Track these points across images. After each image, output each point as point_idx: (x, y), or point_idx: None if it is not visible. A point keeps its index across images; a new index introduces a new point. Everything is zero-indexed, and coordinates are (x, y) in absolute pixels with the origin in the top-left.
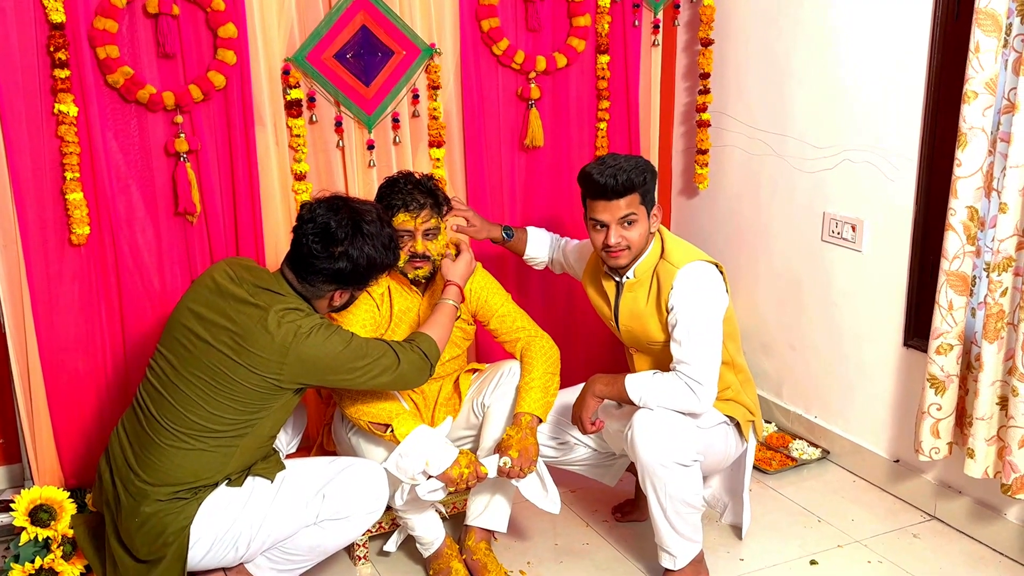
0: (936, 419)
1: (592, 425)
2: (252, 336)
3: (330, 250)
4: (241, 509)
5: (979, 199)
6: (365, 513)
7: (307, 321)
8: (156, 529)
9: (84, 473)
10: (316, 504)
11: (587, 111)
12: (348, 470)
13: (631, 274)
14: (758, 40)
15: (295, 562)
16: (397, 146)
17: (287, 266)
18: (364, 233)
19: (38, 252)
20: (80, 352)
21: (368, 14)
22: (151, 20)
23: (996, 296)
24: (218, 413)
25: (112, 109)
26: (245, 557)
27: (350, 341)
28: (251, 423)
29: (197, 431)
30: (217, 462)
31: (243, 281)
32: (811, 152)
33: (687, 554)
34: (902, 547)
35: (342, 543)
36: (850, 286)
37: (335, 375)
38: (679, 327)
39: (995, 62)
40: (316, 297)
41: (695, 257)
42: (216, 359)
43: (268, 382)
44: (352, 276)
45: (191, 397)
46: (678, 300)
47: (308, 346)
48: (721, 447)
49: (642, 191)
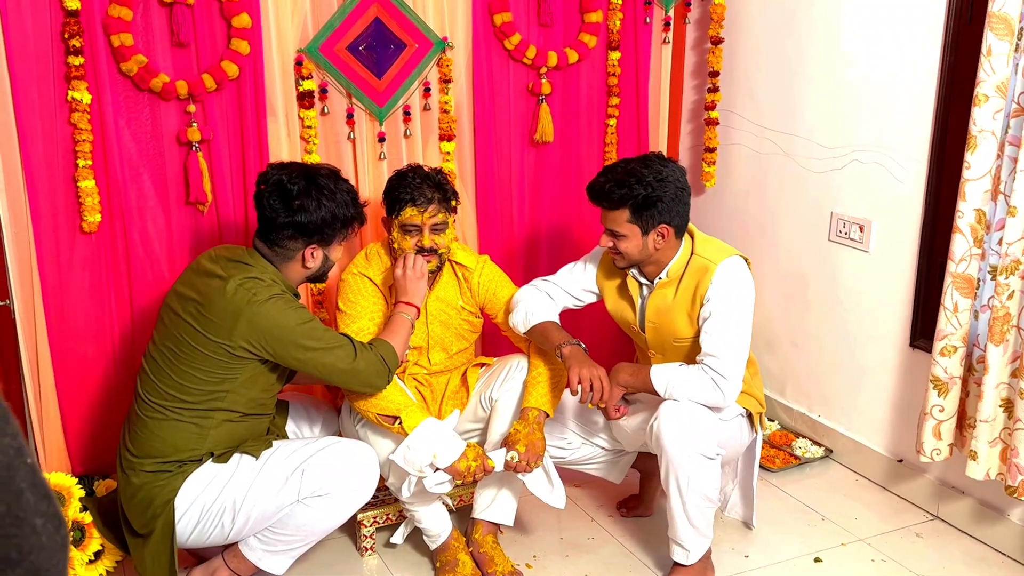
0: (938, 420)
1: (617, 412)
2: (211, 302)
3: (288, 204)
4: (225, 484)
5: (987, 202)
6: (348, 491)
7: (266, 290)
8: (145, 502)
9: (91, 460)
10: (296, 480)
11: (597, 107)
12: (331, 447)
13: (664, 275)
14: (768, 39)
15: (285, 543)
16: (408, 139)
17: (257, 236)
18: (319, 185)
19: (49, 239)
20: (89, 340)
21: (381, 6)
22: (165, 9)
23: (1003, 299)
24: (184, 382)
25: (125, 97)
26: (233, 535)
27: (307, 321)
28: (217, 395)
29: (169, 401)
30: (194, 434)
31: (219, 259)
32: (820, 152)
33: (700, 549)
34: (905, 546)
35: (331, 524)
36: (857, 286)
37: (284, 349)
38: (712, 319)
39: (1007, 66)
40: (287, 259)
41: (730, 252)
42: (182, 328)
43: (222, 348)
44: (314, 228)
45: (162, 367)
46: (716, 293)
47: (260, 313)
48: (737, 439)
49: (634, 208)
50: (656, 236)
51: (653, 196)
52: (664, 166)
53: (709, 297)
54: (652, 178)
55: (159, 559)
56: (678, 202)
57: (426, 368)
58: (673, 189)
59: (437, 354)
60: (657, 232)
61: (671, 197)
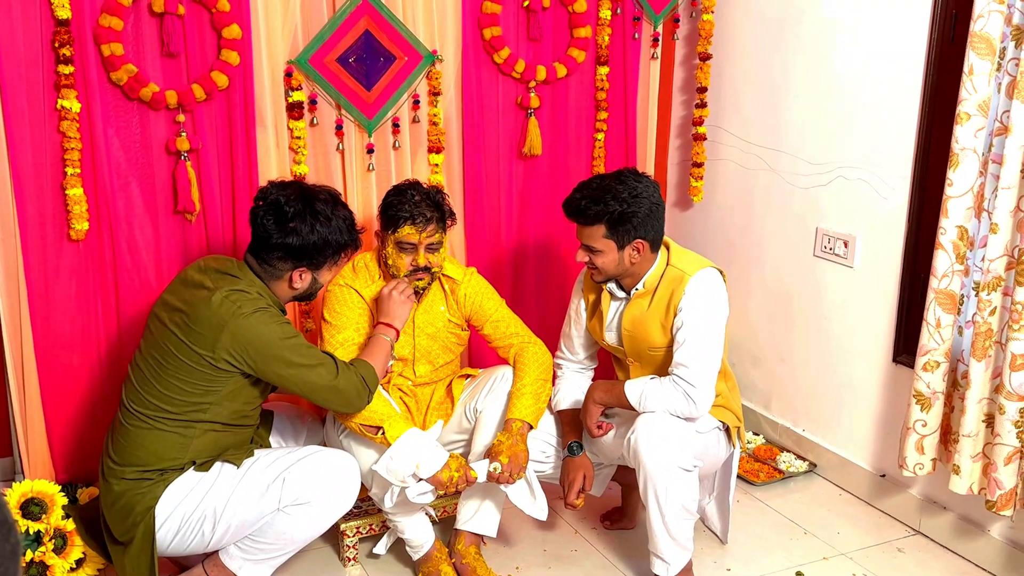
0: (921, 435)
1: (599, 429)
2: (196, 314)
3: (282, 226)
4: (206, 492)
5: (969, 219)
6: (329, 500)
7: (252, 303)
8: (125, 508)
9: (75, 467)
10: (277, 488)
11: (585, 121)
12: (312, 456)
13: (641, 285)
14: (756, 56)
15: (265, 551)
16: (397, 151)
17: (248, 251)
18: (315, 210)
19: (36, 247)
20: (75, 348)
21: (372, 19)
22: (156, 19)
23: (985, 315)
24: (168, 393)
25: (114, 106)
26: (213, 543)
27: (291, 337)
28: (200, 407)
29: (153, 411)
30: (176, 445)
31: (208, 269)
32: (805, 168)
33: (680, 561)
34: (887, 561)
35: (311, 533)
36: (841, 301)
37: (265, 363)
38: (684, 329)
39: (988, 85)
40: (275, 278)
41: (704, 264)
42: (167, 339)
43: (205, 360)
44: (304, 252)
45: (147, 377)
46: (688, 304)
47: (244, 326)
48: (714, 452)
49: (610, 224)
50: (632, 251)
51: (628, 212)
52: (639, 182)
53: (681, 307)
54: (627, 194)
55: (139, 567)
56: (653, 217)
57: (411, 380)
58: (648, 205)
59: (423, 366)
60: (632, 247)
61: (646, 212)
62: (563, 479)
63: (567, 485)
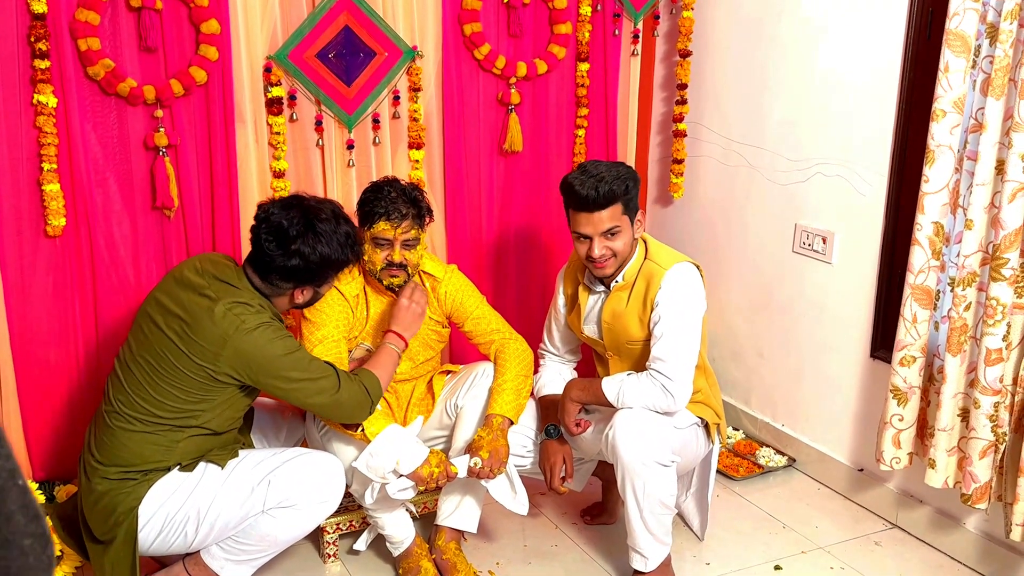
0: (898, 429)
1: (577, 427)
2: (198, 324)
3: (285, 248)
4: (190, 493)
5: (945, 215)
6: (314, 503)
7: (254, 318)
8: (108, 508)
9: (53, 465)
10: (262, 491)
11: (566, 118)
12: (298, 458)
13: (620, 278)
14: (735, 53)
15: (248, 552)
16: (377, 147)
17: (248, 264)
18: (317, 231)
19: (13, 242)
20: (52, 344)
21: (351, 15)
22: (134, 14)
23: (960, 310)
24: (160, 399)
25: (92, 101)
26: (195, 544)
27: (293, 352)
28: (193, 414)
29: (142, 415)
30: (162, 447)
31: (205, 273)
32: (784, 165)
33: (658, 556)
34: (864, 554)
35: (295, 535)
36: (820, 297)
37: (268, 378)
38: (661, 324)
39: (964, 82)
40: (277, 295)
41: (680, 259)
42: (164, 345)
43: (205, 372)
44: (307, 273)
45: (139, 381)
46: (664, 298)
47: (247, 341)
48: (693, 447)
49: (624, 200)
50: (637, 224)
51: (629, 184)
52: (614, 162)
53: (658, 302)
54: (619, 169)
55: (120, 566)
56: (638, 189)
57: None
58: (634, 176)
59: (403, 364)
60: (636, 220)
61: (635, 184)
62: (543, 463)
63: (548, 469)
